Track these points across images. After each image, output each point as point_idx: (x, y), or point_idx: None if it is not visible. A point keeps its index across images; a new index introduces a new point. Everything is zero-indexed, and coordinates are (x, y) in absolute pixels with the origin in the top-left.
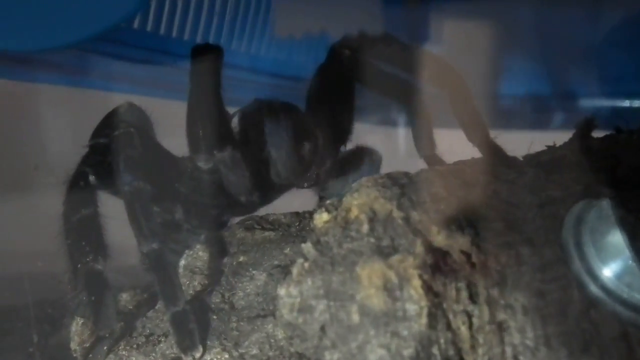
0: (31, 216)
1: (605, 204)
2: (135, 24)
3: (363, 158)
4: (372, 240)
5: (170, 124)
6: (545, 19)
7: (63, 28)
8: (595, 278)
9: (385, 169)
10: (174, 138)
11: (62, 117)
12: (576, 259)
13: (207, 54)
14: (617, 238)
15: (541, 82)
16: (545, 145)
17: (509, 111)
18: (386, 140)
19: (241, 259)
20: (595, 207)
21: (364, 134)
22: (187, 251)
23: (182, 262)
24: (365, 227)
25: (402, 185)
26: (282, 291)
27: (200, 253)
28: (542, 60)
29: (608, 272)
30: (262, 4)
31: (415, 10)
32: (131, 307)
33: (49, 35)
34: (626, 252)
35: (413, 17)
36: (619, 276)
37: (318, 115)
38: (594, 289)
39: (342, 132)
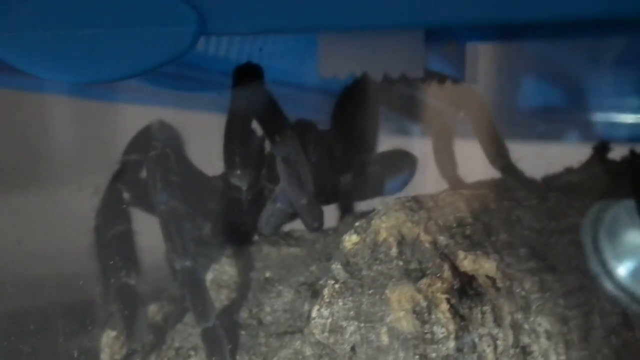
0: (56, 217)
1: (623, 206)
2: None
3: (397, 163)
4: (401, 263)
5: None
6: (564, 43)
7: (119, 62)
8: (611, 276)
9: None
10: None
11: (75, 128)
12: (593, 257)
13: (249, 73)
14: (633, 238)
15: (558, 97)
16: (564, 167)
17: (526, 124)
18: None
19: (267, 274)
20: (613, 208)
21: (379, 143)
22: (213, 265)
23: (209, 276)
24: (393, 250)
25: (428, 209)
26: (314, 312)
27: (227, 267)
28: (559, 77)
29: (623, 270)
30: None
31: (453, 53)
32: (159, 320)
33: (104, 70)
34: None
35: (451, 59)
36: (634, 275)
37: (343, 137)
38: (609, 286)
39: (366, 152)
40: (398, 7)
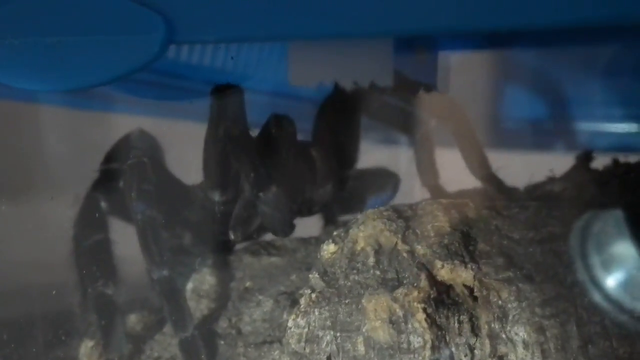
0: (35, 228)
1: (612, 216)
2: None
3: (381, 180)
4: (378, 272)
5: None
6: (546, 51)
7: (87, 70)
8: (599, 287)
9: None
10: None
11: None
12: (581, 269)
13: (228, 93)
14: (622, 249)
15: (542, 107)
16: (546, 176)
17: (509, 133)
18: (385, 159)
19: (247, 284)
20: (601, 218)
21: (364, 152)
22: (194, 275)
23: (190, 286)
24: (371, 260)
25: (406, 218)
26: (290, 322)
27: (207, 277)
28: (543, 87)
29: (612, 281)
30: (278, 53)
31: (424, 61)
32: (139, 330)
33: (73, 77)
34: (630, 263)
35: (422, 67)
36: (622, 286)
37: (323, 147)
38: (597, 297)
39: (347, 163)
40: (367, 16)
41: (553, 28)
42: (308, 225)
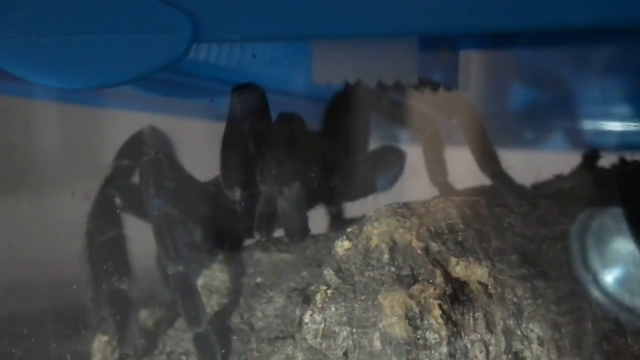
0: (47, 223)
1: (610, 214)
2: None
3: (386, 159)
4: (393, 269)
5: None
6: (554, 51)
7: (112, 69)
8: (598, 284)
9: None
10: None
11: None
12: (580, 265)
13: (250, 91)
14: (620, 245)
15: (548, 105)
16: (553, 175)
17: (516, 132)
18: None
19: (258, 280)
20: (600, 215)
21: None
22: (204, 270)
23: (200, 282)
24: (385, 257)
25: (419, 216)
26: (306, 317)
27: (218, 273)
28: (549, 85)
29: (611, 278)
30: (301, 52)
31: (446, 60)
32: (150, 325)
33: (98, 76)
34: (629, 259)
35: (444, 66)
36: (621, 282)
37: (332, 142)
38: (597, 294)
39: (354, 152)
40: (391, 15)
41: (577, 29)
42: (315, 222)
